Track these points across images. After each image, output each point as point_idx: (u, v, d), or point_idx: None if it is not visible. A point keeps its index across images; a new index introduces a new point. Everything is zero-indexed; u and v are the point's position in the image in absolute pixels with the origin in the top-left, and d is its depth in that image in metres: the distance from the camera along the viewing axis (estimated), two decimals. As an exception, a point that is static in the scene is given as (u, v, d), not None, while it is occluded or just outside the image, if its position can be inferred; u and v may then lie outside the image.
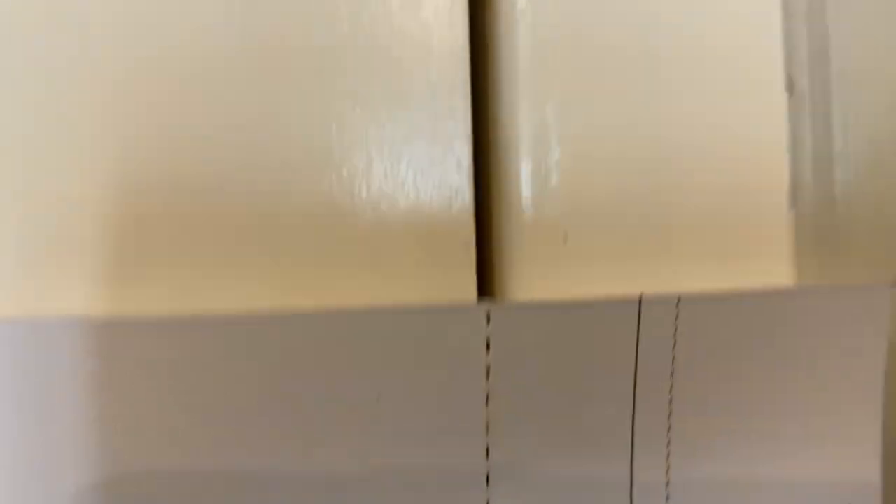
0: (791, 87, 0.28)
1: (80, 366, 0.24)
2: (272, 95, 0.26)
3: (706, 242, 0.27)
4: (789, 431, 0.26)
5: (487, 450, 0.25)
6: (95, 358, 0.24)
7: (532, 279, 0.27)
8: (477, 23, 0.28)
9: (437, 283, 0.26)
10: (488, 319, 0.25)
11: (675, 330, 0.25)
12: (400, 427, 0.25)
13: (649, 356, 0.25)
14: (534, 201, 0.27)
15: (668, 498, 0.26)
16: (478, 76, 0.28)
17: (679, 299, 0.25)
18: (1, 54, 0.24)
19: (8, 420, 0.23)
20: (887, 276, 0.27)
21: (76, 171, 0.25)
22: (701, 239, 0.27)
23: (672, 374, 0.25)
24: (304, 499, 0.24)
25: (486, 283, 0.28)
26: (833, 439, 0.26)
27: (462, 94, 0.27)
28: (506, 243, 0.27)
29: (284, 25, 0.26)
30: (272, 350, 0.24)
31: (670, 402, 0.25)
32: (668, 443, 0.26)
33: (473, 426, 0.25)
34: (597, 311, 0.25)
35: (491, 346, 0.25)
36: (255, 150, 0.26)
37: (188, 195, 0.25)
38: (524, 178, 0.27)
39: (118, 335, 0.24)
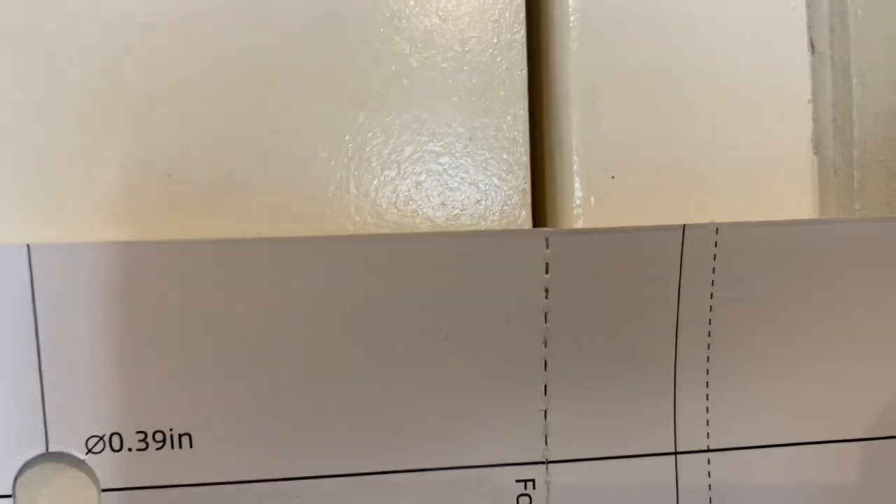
0: (812, 48, 0.31)
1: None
2: (355, 105, 0.29)
3: (739, 183, 0.30)
4: (815, 349, 0.29)
5: (546, 362, 0.28)
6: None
7: (583, 213, 0.30)
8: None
9: (497, 221, 0.29)
10: (547, 244, 0.27)
11: (715, 253, 0.28)
12: (466, 342, 0.27)
13: (692, 276, 0.28)
14: (584, 145, 0.30)
15: (707, 410, 0.29)
16: (532, 38, 0.31)
17: (718, 228, 0.28)
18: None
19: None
20: (901, 211, 0.30)
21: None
22: (735, 180, 0.30)
23: (712, 293, 0.28)
24: (364, 408, 0.27)
25: (540, 220, 0.31)
26: (855, 358, 0.29)
27: (519, 60, 0.30)
28: (559, 184, 0.30)
29: (368, 44, 0.29)
30: (328, 273, 0.26)
31: (710, 321, 0.28)
32: (708, 358, 0.28)
33: (533, 341, 0.27)
34: (646, 236, 0.27)
35: (550, 268, 0.27)
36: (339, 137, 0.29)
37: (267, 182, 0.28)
38: (574, 125, 0.30)
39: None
